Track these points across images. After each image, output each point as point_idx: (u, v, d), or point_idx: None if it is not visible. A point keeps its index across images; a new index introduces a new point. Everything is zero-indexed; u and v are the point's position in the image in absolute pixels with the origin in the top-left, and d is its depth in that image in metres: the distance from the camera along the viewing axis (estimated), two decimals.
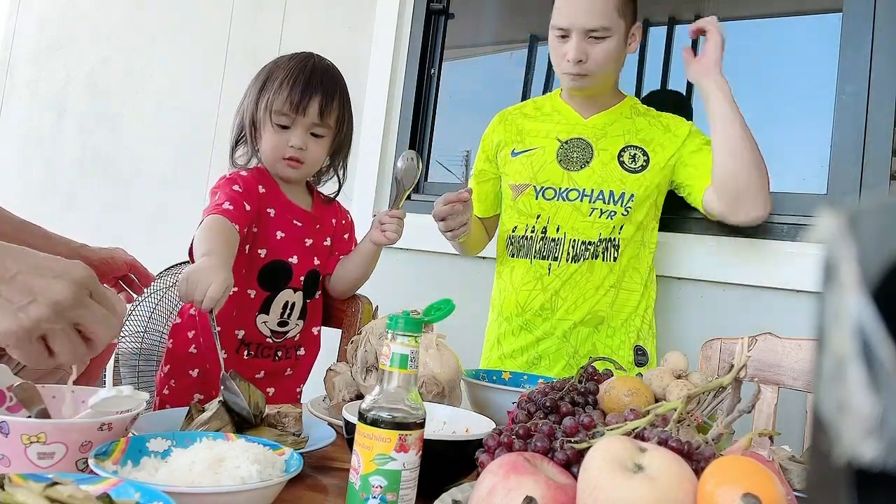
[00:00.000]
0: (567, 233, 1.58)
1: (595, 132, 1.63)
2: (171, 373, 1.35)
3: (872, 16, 1.63)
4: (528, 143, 1.67)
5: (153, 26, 2.80)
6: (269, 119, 1.29)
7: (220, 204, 1.23)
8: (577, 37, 1.53)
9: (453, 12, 2.33)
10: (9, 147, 3.05)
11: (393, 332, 0.69)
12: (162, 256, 1.68)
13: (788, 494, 0.57)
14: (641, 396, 0.84)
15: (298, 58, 1.34)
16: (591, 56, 1.54)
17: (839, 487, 0.23)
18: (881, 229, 0.23)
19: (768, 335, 1.33)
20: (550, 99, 1.74)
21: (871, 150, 1.61)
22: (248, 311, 1.32)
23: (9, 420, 0.68)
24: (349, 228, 1.49)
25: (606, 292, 1.57)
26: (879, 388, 0.22)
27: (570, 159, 1.61)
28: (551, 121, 1.68)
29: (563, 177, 1.60)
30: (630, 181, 1.57)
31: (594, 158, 1.60)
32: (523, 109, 1.75)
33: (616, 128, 1.63)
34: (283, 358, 1.37)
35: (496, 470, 0.60)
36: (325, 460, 0.89)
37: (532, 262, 1.60)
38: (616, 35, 1.53)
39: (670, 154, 1.59)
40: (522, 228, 1.63)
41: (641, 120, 1.64)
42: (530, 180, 1.63)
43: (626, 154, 1.59)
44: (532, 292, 1.59)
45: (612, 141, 1.61)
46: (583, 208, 1.57)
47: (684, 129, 1.61)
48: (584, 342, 1.57)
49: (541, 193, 1.61)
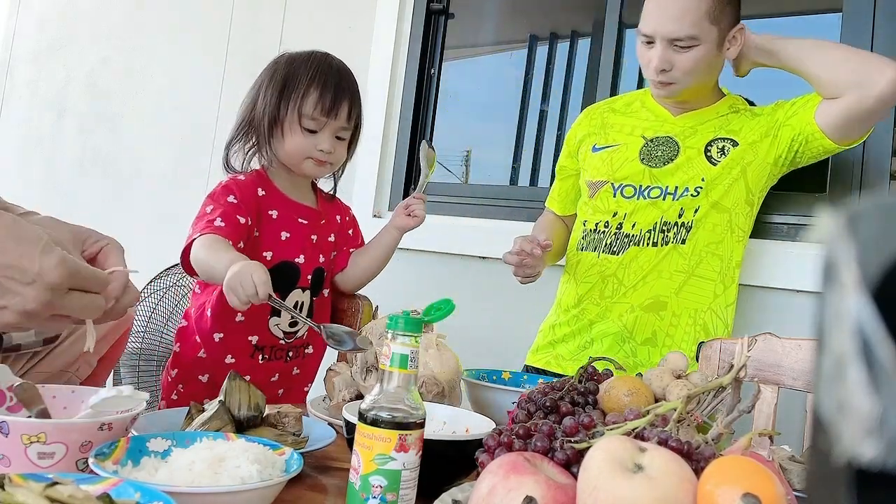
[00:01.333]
0: (644, 228, 1.51)
1: (684, 130, 1.55)
2: (179, 377, 1.34)
3: (872, 16, 1.63)
4: (611, 139, 1.60)
5: (153, 26, 2.80)
6: (298, 122, 1.27)
7: (211, 220, 1.21)
8: (661, 45, 1.44)
9: (453, 12, 2.33)
10: (9, 147, 3.05)
11: (393, 332, 0.69)
12: (162, 256, 1.68)
13: (788, 494, 0.57)
14: (641, 396, 0.84)
15: (316, 58, 1.31)
16: (676, 65, 1.46)
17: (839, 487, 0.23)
18: (881, 229, 0.23)
19: (768, 335, 1.33)
20: (641, 95, 1.66)
21: (871, 150, 1.61)
22: (260, 316, 1.31)
23: (9, 420, 0.68)
24: (353, 224, 1.49)
25: (672, 276, 1.48)
26: (879, 388, 0.22)
27: (654, 156, 1.53)
28: (638, 117, 1.61)
29: (645, 174, 1.52)
30: (711, 174, 1.48)
31: (680, 155, 1.51)
32: (613, 105, 1.68)
33: (707, 127, 1.54)
34: (293, 358, 1.38)
35: (496, 470, 0.60)
36: (325, 460, 0.89)
37: (599, 256, 1.54)
38: (706, 43, 1.44)
39: (762, 130, 1.49)
40: (593, 223, 1.57)
41: (735, 117, 1.54)
42: (608, 177, 1.56)
43: (713, 147, 1.50)
44: (593, 282, 1.54)
45: (702, 136, 1.52)
46: (663, 206, 1.50)
47: (771, 105, 1.53)
48: (642, 328, 1.49)
49: (619, 191, 1.54)
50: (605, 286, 1.53)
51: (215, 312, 1.30)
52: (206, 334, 1.32)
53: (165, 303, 1.91)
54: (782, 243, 1.67)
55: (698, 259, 1.48)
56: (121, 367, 1.82)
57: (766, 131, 1.49)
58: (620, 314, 1.50)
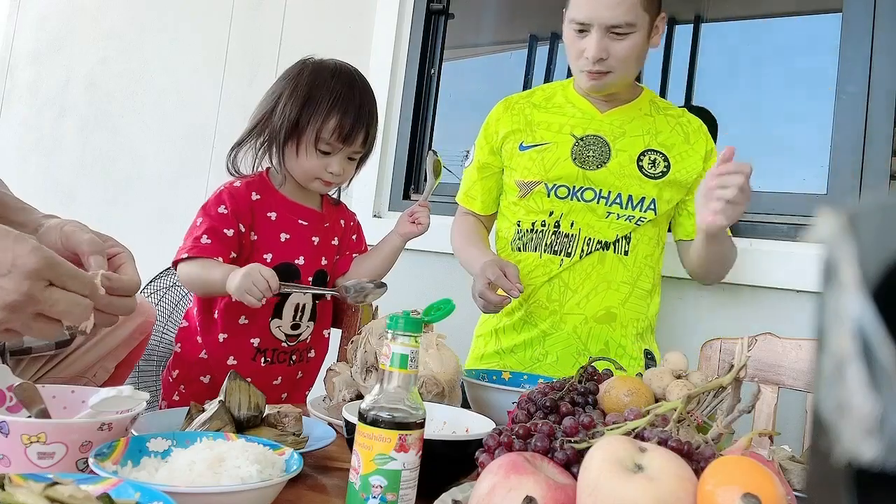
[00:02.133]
0: (582, 229, 1.50)
1: (612, 129, 1.53)
2: (180, 378, 1.34)
3: (872, 16, 1.63)
4: (539, 137, 1.55)
5: (153, 26, 2.80)
6: (314, 144, 1.27)
7: (198, 238, 1.25)
8: (597, 33, 1.40)
9: (453, 12, 2.33)
10: (9, 147, 3.05)
11: (393, 332, 0.69)
12: (162, 256, 1.68)
13: (788, 494, 0.57)
14: (641, 396, 0.84)
15: (342, 77, 1.30)
16: (612, 53, 1.42)
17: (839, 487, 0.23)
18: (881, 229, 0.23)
19: (768, 335, 1.33)
20: (562, 89, 1.62)
21: (870, 150, 1.61)
22: (261, 318, 1.32)
23: (9, 420, 0.68)
24: (357, 229, 1.49)
25: (618, 287, 1.50)
26: (879, 388, 0.22)
27: (586, 157, 1.51)
28: (564, 113, 1.57)
29: (579, 175, 1.50)
30: (649, 186, 1.50)
31: (611, 159, 1.50)
32: (531, 98, 1.63)
33: (635, 126, 1.54)
34: (296, 362, 1.38)
35: (496, 470, 0.60)
36: (325, 460, 0.89)
37: (542, 256, 1.51)
38: (641, 30, 1.42)
39: (691, 172, 1.52)
40: (529, 223, 1.54)
41: (661, 119, 1.56)
42: (541, 177, 1.52)
43: (645, 159, 1.51)
44: (538, 285, 1.51)
45: (631, 142, 1.52)
46: (598, 210, 1.49)
47: (702, 145, 1.54)
48: (595, 340, 1.49)
49: (553, 191, 1.51)
50: (551, 289, 1.51)
51: (223, 313, 1.31)
52: (211, 335, 1.32)
53: (165, 303, 1.91)
54: (782, 243, 1.67)
55: (639, 271, 1.51)
56: None
57: (692, 175, 1.52)
58: (575, 326, 1.50)
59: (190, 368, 1.33)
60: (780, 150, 1.88)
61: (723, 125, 1.95)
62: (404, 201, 2.27)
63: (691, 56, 1.99)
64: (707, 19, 2.01)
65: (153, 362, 1.85)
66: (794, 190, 1.76)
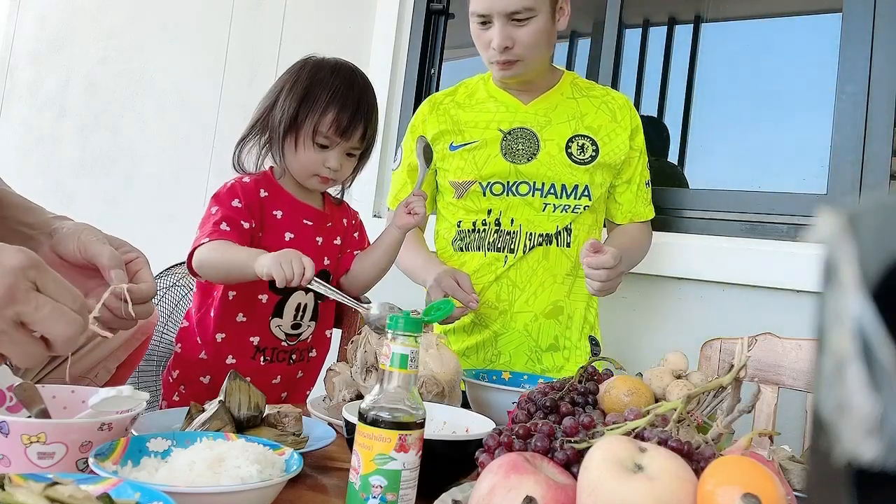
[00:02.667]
0: (523, 225, 1.51)
1: (538, 119, 1.53)
2: (180, 378, 1.34)
3: (872, 16, 1.63)
4: (468, 136, 1.55)
5: (153, 26, 2.80)
6: (311, 137, 1.28)
7: (217, 224, 1.24)
8: (499, 22, 1.41)
9: (453, 12, 2.33)
10: (9, 147, 3.05)
11: (393, 332, 0.69)
12: (162, 256, 1.68)
13: (788, 494, 0.57)
14: (641, 396, 0.84)
15: (342, 73, 1.31)
16: (517, 40, 1.42)
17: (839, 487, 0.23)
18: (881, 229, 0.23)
19: (768, 335, 1.33)
20: (483, 83, 1.61)
21: (870, 150, 1.61)
22: (261, 316, 1.32)
23: (9, 420, 0.68)
24: (359, 227, 1.49)
25: (563, 280, 1.51)
26: (879, 388, 0.22)
27: (516, 152, 1.51)
28: (488, 109, 1.57)
29: (511, 170, 1.51)
30: (580, 173, 1.50)
31: (541, 150, 1.51)
32: (455, 97, 1.62)
33: (560, 113, 1.54)
34: (296, 361, 1.37)
35: (496, 470, 0.60)
36: (325, 460, 0.89)
37: (486, 255, 1.52)
38: (542, 13, 1.42)
39: (618, 153, 1.54)
40: (470, 223, 1.55)
41: (585, 102, 1.56)
42: (475, 177, 1.52)
43: (573, 144, 1.52)
44: (486, 285, 1.52)
45: (558, 129, 1.53)
46: (535, 203, 1.51)
47: (627, 119, 1.55)
48: (545, 335, 1.51)
49: (488, 189, 1.52)
50: (500, 288, 1.51)
51: (218, 313, 1.31)
52: (209, 335, 1.32)
53: (165, 303, 1.91)
54: (782, 243, 1.67)
55: (577, 260, 1.50)
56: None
57: (620, 151, 1.53)
58: (525, 323, 1.51)
59: (190, 369, 1.33)
60: (780, 150, 1.88)
61: (723, 125, 1.95)
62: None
63: (691, 56, 1.99)
64: (707, 19, 2.02)
65: (153, 362, 1.85)
66: (794, 190, 1.76)
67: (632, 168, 1.57)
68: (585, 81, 1.61)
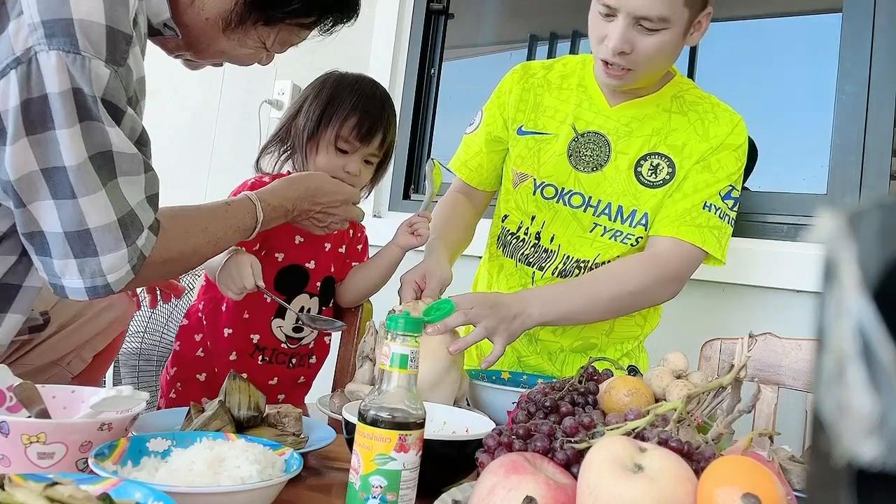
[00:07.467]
0: (562, 245, 1.36)
1: (618, 128, 1.34)
2: (177, 375, 1.34)
3: (872, 16, 1.63)
4: (541, 125, 1.40)
5: None
6: (333, 142, 1.31)
7: None
8: (624, 21, 1.18)
9: (453, 12, 2.33)
10: None
11: (393, 332, 0.69)
12: None
13: (788, 494, 0.57)
14: (641, 396, 0.84)
15: (363, 84, 1.35)
16: (637, 48, 1.20)
17: (839, 487, 0.23)
18: (881, 229, 0.23)
19: (768, 335, 1.33)
20: (581, 67, 1.41)
21: (870, 150, 1.61)
22: (263, 315, 1.32)
23: (9, 420, 0.68)
24: (364, 241, 1.50)
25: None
26: (879, 388, 0.22)
27: (582, 157, 1.35)
28: (571, 101, 1.38)
29: (570, 176, 1.35)
30: (645, 196, 1.31)
31: (609, 162, 1.33)
32: (549, 74, 1.43)
33: (645, 125, 1.33)
34: (297, 365, 1.38)
35: (496, 470, 0.60)
36: (325, 460, 0.89)
37: (517, 266, 1.41)
38: (675, 27, 1.20)
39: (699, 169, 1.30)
40: (516, 225, 1.41)
41: (679, 118, 1.33)
42: (532, 171, 1.39)
43: (646, 163, 1.32)
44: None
45: (635, 142, 1.33)
46: (584, 220, 1.34)
47: (721, 136, 1.30)
48: (570, 367, 1.39)
49: (540, 189, 1.37)
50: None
51: (230, 306, 1.32)
52: (217, 329, 1.33)
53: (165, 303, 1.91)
54: (782, 243, 1.67)
55: None
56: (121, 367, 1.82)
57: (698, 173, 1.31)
58: (551, 353, 1.40)
59: (187, 366, 1.34)
60: (780, 150, 1.88)
61: None
62: (404, 201, 2.27)
63: (691, 56, 1.99)
64: None
65: (153, 362, 1.85)
66: (794, 190, 1.76)
67: (697, 181, 1.30)
68: (697, 94, 1.36)
